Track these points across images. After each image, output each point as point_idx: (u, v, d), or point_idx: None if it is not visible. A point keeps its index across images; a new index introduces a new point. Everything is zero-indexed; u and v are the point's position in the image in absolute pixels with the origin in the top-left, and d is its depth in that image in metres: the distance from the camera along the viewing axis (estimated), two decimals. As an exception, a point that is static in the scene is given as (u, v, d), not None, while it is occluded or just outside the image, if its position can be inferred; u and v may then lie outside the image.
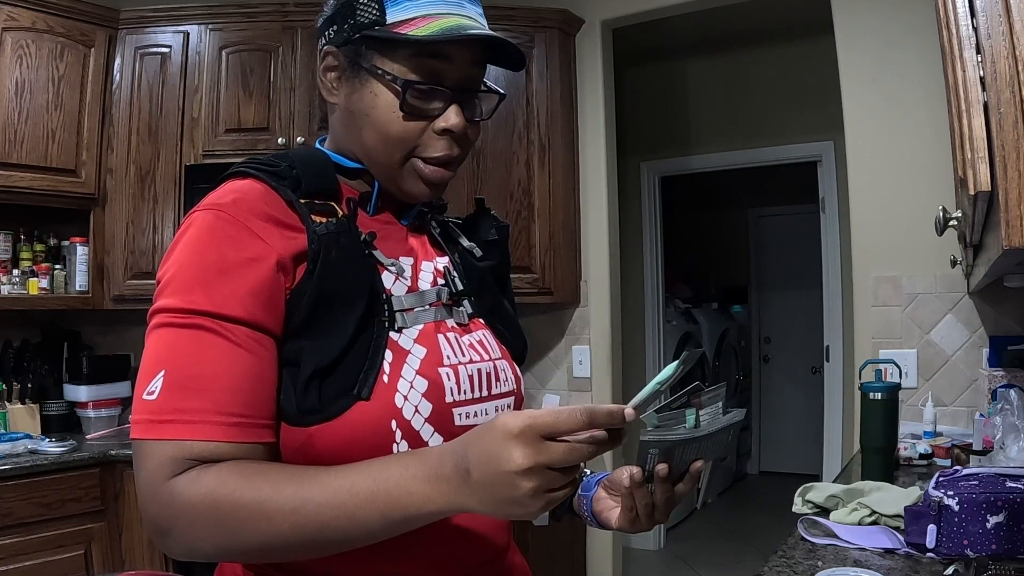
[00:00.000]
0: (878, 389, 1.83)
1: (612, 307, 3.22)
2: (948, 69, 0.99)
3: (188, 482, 0.72)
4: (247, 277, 0.76)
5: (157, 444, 0.73)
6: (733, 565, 4.17)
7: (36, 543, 2.31)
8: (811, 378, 5.84)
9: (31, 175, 2.66)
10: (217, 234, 0.77)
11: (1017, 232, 0.66)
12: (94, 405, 2.81)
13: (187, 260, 0.77)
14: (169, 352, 0.75)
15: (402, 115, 0.84)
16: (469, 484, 0.67)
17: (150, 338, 0.77)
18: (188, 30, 2.89)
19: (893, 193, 2.54)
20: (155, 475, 0.72)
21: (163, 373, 0.74)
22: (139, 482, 0.74)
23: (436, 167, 0.87)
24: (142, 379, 0.75)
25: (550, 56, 3.05)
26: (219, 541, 0.72)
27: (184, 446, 0.72)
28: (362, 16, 0.84)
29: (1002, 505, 1.15)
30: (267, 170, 0.84)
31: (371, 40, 0.84)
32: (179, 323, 0.75)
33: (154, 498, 0.73)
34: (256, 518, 0.71)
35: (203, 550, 0.73)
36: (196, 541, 0.72)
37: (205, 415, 0.73)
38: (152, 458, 0.73)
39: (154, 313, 0.78)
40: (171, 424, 0.73)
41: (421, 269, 0.92)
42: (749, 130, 4.21)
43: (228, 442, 0.74)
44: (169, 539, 0.73)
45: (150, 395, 0.74)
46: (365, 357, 0.80)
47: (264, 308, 0.77)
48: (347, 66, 0.86)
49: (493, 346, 0.95)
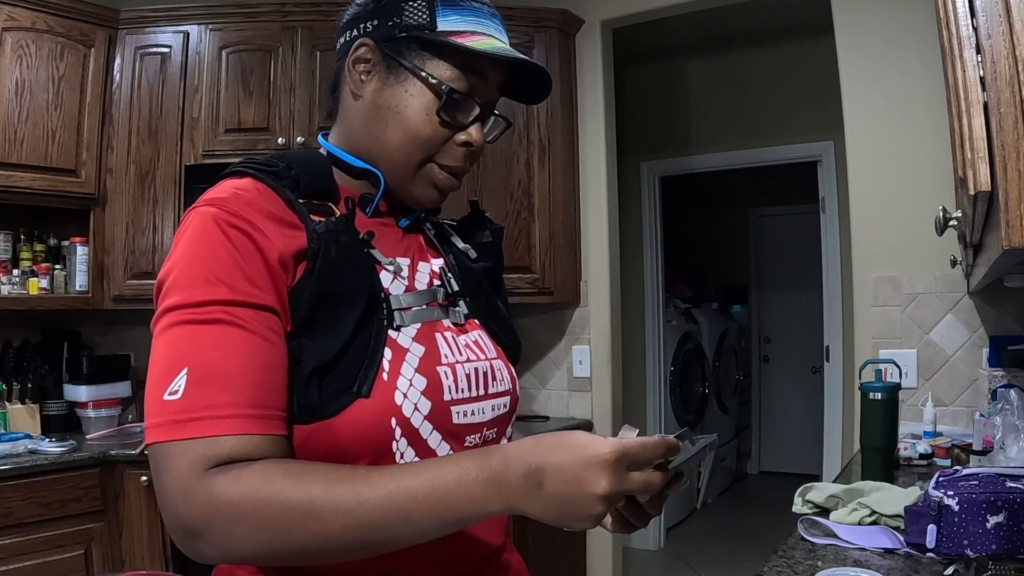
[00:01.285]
0: (878, 389, 1.83)
1: (612, 307, 3.22)
2: (948, 69, 0.99)
3: (229, 481, 0.69)
4: (256, 266, 0.76)
5: (186, 444, 0.70)
6: (733, 565, 4.16)
7: (36, 543, 2.31)
8: (811, 378, 5.84)
9: (31, 175, 2.66)
10: (222, 224, 0.77)
11: (1017, 232, 0.66)
12: (94, 405, 2.81)
13: (193, 255, 0.76)
14: (189, 349, 0.73)
15: (437, 120, 0.86)
16: (539, 494, 0.69)
17: (162, 339, 0.75)
18: (188, 30, 2.89)
19: (893, 193, 2.54)
20: (187, 475, 0.70)
21: (186, 371, 0.72)
22: (166, 485, 0.71)
23: (449, 176, 0.90)
24: (159, 381, 0.72)
25: (550, 56, 3.05)
26: (263, 542, 0.69)
27: (217, 443, 0.70)
28: (411, 17, 0.85)
29: (1002, 505, 1.15)
30: (265, 170, 0.84)
31: (420, 41, 0.85)
32: (195, 319, 0.74)
33: (187, 499, 0.69)
34: (307, 519, 0.69)
35: (242, 552, 0.70)
36: (236, 542, 0.69)
37: (237, 408, 0.71)
38: (182, 459, 0.70)
39: (163, 313, 0.75)
40: (201, 421, 0.70)
41: (418, 270, 0.93)
42: (749, 130, 4.21)
43: (260, 435, 0.72)
44: (203, 541, 0.70)
45: (173, 395, 0.71)
46: (365, 355, 0.80)
47: (274, 296, 0.77)
48: (382, 61, 0.87)
49: (489, 346, 0.96)
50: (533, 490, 0.68)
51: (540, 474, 0.68)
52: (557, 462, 0.68)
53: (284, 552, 0.70)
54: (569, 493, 0.68)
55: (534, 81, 0.92)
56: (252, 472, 0.70)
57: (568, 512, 0.68)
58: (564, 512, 0.68)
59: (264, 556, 0.72)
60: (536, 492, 0.68)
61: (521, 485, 0.69)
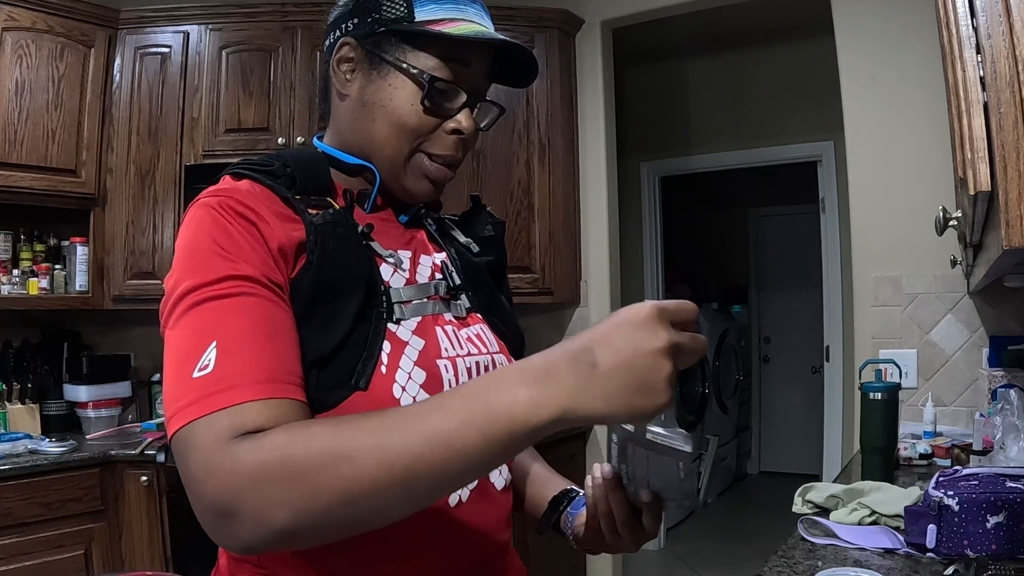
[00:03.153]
0: (878, 389, 1.83)
1: (612, 307, 3.22)
2: (948, 69, 0.99)
3: (251, 444, 0.64)
4: (262, 246, 0.76)
5: (211, 419, 0.65)
6: (733, 565, 4.16)
7: (36, 543, 2.31)
8: (811, 378, 5.83)
9: (31, 175, 2.66)
10: (228, 210, 0.77)
11: (1017, 232, 0.66)
12: (94, 405, 2.81)
13: (204, 237, 0.76)
14: (215, 323, 0.70)
15: (422, 109, 0.86)
16: (595, 377, 0.60)
17: (183, 322, 0.72)
18: (188, 30, 2.89)
19: (893, 193, 2.54)
20: (211, 450, 0.64)
21: (215, 343, 0.68)
22: (191, 468, 0.65)
23: (440, 165, 0.89)
24: (185, 362, 0.69)
25: (550, 56, 3.05)
26: (295, 502, 0.62)
27: (243, 410, 0.66)
28: (388, 11, 0.86)
29: (1002, 505, 1.15)
30: (261, 169, 0.84)
31: (399, 34, 0.85)
32: (216, 295, 0.72)
33: (211, 475, 0.63)
34: (336, 460, 0.62)
35: (275, 520, 0.62)
36: (268, 509, 0.62)
37: (268, 373, 0.69)
38: (207, 435, 0.65)
39: (180, 299, 0.73)
40: (234, 389, 0.66)
41: (419, 263, 0.93)
42: (749, 130, 4.21)
43: (287, 399, 0.69)
44: (236, 519, 0.63)
45: (203, 370, 0.67)
46: (363, 347, 0.80)
47: (281, 275, 0.77)
48: (365, 58, 0.87)
49: (491, 340, 0.95)
50: (588, 376, 0.60)
51: (589, 354, 0.61)
52: (602, 335, 0.61)
53: (317, 510, 0.62)
54: (628, 360, 0.60)
55: (519, 64, 0.91)
56: (277, 431, 0.65)
57: (635, 385, 0.60)
58: (631, 386, 0.60)
59: (301, 520, 0.63)
60: (592, 376, 0.60)
61: (573, 373, 0.61)
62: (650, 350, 0.60)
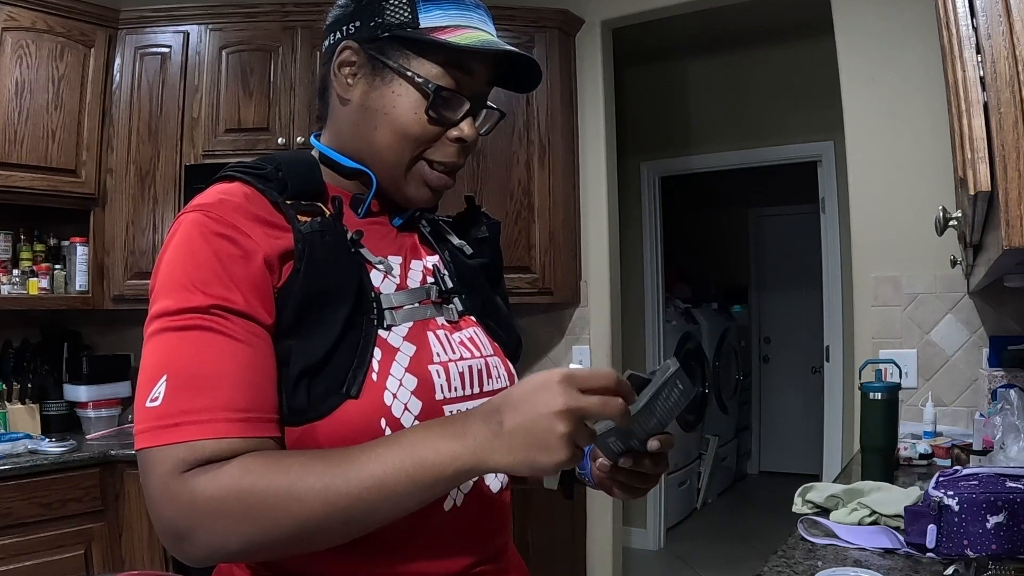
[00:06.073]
0: (878, 389, 1.83)
1: (612, 307, 3.22)
2: (948, 69, 0.99)
3: (208, 478, 0.70)
4: (240, 271, 0.77)
5: (167, 449, 0.71)
6: (733, 565, 4.16)
7: (36, 543, 2.31)
8: (811, 378, 5.83)
9: (31, 175, 2.66)
10: (206, 232, 0.77)
11: (1017, 232, 0.66)
12: (94, 405, 2.81)
13: (178, 261, 0.77)
14: (168, 356, 0.74)
15: (426, 118, 0.85)
16: (501, 435, 0.69)
17: (147, 347, 0.76)
18: (188, 30, 2.89)
19: (893, 193, 2.54)
20: (168, 479, 0.70)
21: (165, 378, 0.72)
22: (150, 489, 0.72)
23: (441, 173, 0.89)
24: (142, 388, 0.74)
25: (550, 56, 3.05)
26: (248, 532, 0.70)
27: (196, 447, 0.71)
28: (392, 16, 0.85)
29: (1002, 505, 1.15)
30: (253, 173, 0.84)
31: (403, 40, 0.85)
32: (175, 326, 0.74)
33: (170, 500, 0.70)
34: (287, 501, 0.69)
35: (228, 547, 0.70)
36: (221, 537, 0.70)
37: (214, 413, 0.72)
38: (163, 463, 0.71)
39: (150, 321, 0.77)
40: (180, 427, 0.71)
41: (410, 268, 0.93)
42: (749, 130, 4.21)
43: (240, 438, 0.73)
44: (189, 542, 0.71)
45: (153, 402, 0.72)
46: (354, 355, 0.80)
47: (259, 300, 0.77)
48: (367, 63, 0.87)
49: (485, 343, 0.95)
50: (496, 432, 0.70)
51: (498, 414, 0.70)
52: (512, 399, 0.71)
53: (270, 541, 0.71)
54: (527, 420, 0.68)
55: (523, 70, 0.91)
56: (232, 466, 0.71)
57: (534, 443, 0.68)
58: (530, 444, 0.68)
59: (251, 548, 0.71)
60: (498, 434, 0.70)
61: (484, 431, 0.70)
62: (546, 413, 0.68)
